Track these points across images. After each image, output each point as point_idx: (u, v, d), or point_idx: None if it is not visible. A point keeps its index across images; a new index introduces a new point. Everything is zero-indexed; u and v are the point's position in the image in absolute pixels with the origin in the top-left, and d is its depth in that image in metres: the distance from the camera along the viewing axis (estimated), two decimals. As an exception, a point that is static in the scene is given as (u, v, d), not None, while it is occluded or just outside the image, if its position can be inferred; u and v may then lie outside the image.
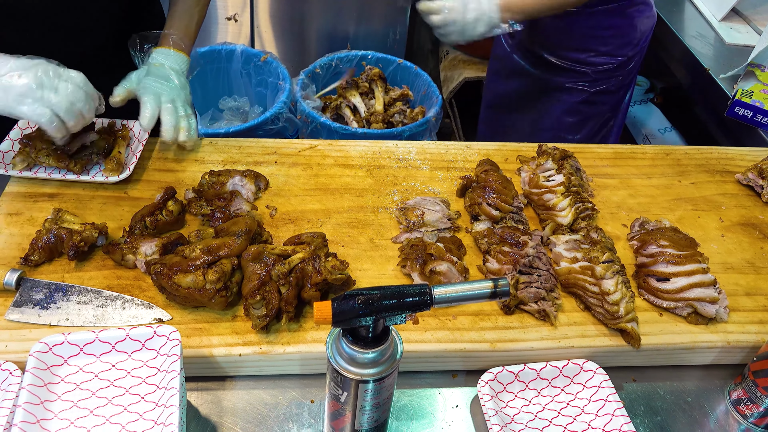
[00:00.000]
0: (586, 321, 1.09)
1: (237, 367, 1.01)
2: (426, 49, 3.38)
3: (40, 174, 1.23)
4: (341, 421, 0.87)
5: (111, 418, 0.86)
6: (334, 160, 1.38)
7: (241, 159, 1.36)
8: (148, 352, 0.92)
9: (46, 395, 0.86)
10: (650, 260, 1.14)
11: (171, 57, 1.36)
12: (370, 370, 0.79)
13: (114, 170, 1.24)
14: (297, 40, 3.12)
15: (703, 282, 1.09)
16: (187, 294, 1.00)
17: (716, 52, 2.14)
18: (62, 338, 0.89)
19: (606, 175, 1.43)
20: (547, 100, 1.95)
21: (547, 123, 1.99)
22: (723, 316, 1.09)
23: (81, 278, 1.08)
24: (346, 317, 0.74)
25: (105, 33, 1.42)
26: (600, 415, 1.00)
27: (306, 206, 1.27)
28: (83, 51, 1.38)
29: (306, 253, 1.05)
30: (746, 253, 1.27)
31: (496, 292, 0.77)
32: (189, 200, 1.21)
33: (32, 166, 1.24)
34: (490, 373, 1.01)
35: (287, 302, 1.01)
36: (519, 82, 1.98)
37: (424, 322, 1.05)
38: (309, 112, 2.53)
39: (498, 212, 1.22)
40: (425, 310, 0.76)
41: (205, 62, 2.79)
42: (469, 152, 1.45)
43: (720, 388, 1.10)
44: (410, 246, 1.15)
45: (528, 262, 1.11)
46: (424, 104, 2.79)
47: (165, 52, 1.36)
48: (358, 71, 2.89)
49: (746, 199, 1.41)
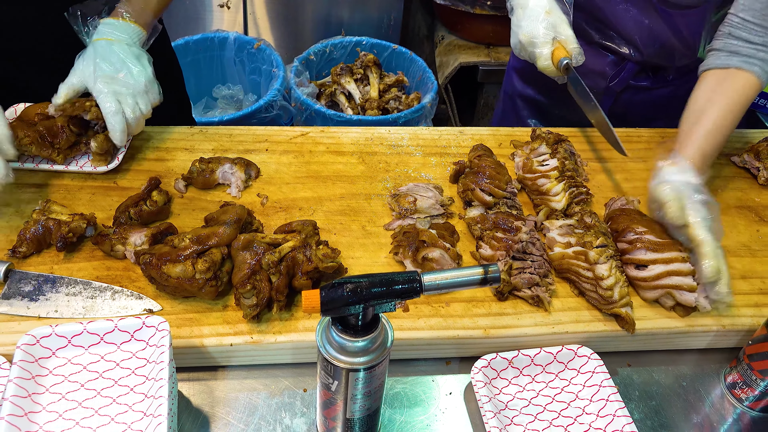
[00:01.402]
0: (580, 306, 1.08)
1: (228, 357, 1.01)
2: (421, 34, 3.35)
3: (27, 165, 1.22)
4: (333, 409, 0.86)
5: (100, 410, 0.85)
6: (326, 147, 1.37)
7: (232, 147, 1.34)
8: (137, 343, 0.91)
9: (34, 388, 0.85)
10: (629, 246, 1.12)
11: (120, 28, 1.20)
12: (360, 359, 0.78)
13: (101, 160, 1.22)
14: (291, 27, 3.09)
15: (681, 270, 1.07)
16: (176, 284, 0.99)
17: (713, 33, 2.11)
18: (50, 330, 0.88)
19: (601, 159, 1.42)
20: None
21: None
22: (705, 306, 1.07)
23: (70, 269, 1.07)
24: (334, 306, 0.73)
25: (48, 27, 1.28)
26: (594, 400, 0.99)
27: (297, 194, 1.25)
28: (28, 47, 1.30)
29: (296, 242, 1.04)
30: (742, 236, 1.26)
31: (486, 279, 0.76)
32: None
33: (17, 157, 1.22)
34: (484, 359, 1.00)
35: (278, 291, 1.00)
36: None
37: (417, 310, 1.05)
38: (303, 100, 2.51)
39: (491, 198, 1.20)
40: (415, 297, 0.75)
41: (198, 50, 2.77)
42: (463, 137, 1.43)
43: (715, 372, 1.09)
44: (403, 233, 1.14)
45: (521, 248, 1.10)
46: (419, 90, 2.77)
47: (113, 24, 1.20)
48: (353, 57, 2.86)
49: (742, 181, 1.40)
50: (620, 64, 1.56)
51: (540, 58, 1.38)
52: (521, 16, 1.40)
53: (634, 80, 1.59)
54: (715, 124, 1.23)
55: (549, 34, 1.37)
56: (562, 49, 1.38)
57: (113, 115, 1.17)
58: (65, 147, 1.20)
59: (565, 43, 1.37)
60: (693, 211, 1.11)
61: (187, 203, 1.21)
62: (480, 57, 2.90)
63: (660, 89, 1.61)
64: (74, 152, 1.23)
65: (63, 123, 1.19)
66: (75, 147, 1.23)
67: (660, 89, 1.61)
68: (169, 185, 1.23)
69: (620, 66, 1.56)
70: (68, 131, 1.20)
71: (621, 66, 1.56)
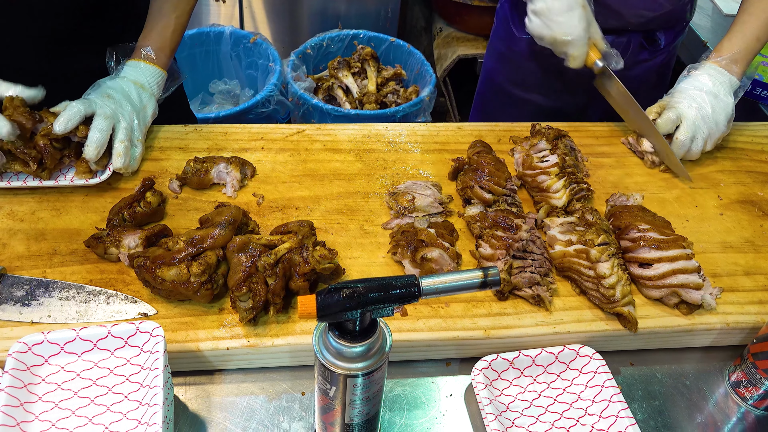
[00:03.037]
0: (581, 305, 1.07)
1: (225, 361, 0.99)
2: (419, 26, 3.32)
3: (14, 183, 1.17)
4: (331, 415, 0.85)
5: (93, 419, 0.84)
6: (323, 145, 1.35)
7: (227, 146, 1.32)
8: (131, 349, 0.90)
9: (26, 397, 0.84)
10: (632, 244, 1.10)
11: (140, 70, 1.27)
12: (358, 364, 0.76)
13: (85, 172, 1.19)
14: (287, 20, 3.06)
15: (686, 268, 1.05)
16: (171, 287, 0.97)
17: (714, 23, 2.09)
18: (42, 337, 0.86)
19: (601, 154, 1.40)
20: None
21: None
22: (711, 303, 1.06)
23: (63, 273, 1.05)
24: (331, 311, 0.71)
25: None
26: (597, 401, 0.98)
27: (294, 193, 1.23)
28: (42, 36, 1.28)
29: (293, 243, 1.03)
30: (745, 231, 1.24)
31: (486, 282, 0.74)
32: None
33: (2, 173, 1.19)
34: (484, 360, 0.98)
35: (275, 294, 0.98)
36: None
37: (416, 311, 1.03)
38: (300, 94, 2.49)
39: (491, 195, 1.18)
40: (413, 302, 0.73)
41: (194, 45, 2.74)
42: (461, 133, 1.41)
43: (719, 370, 1.08)
44: (401, 232, 1.12)
45: (522, 247, 1.09)
46: (417, 83, 2.75)
47: (133, 65, 1.27)
48: (350, 51, 2.84)
49: (745, 175, 1.38)
50: (622, 41, 1.55)
51: (575, 60, 1.36)
52: (555, 8, 1.32)
53: (636, 56, 1.60)
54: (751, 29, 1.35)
55: (587, 34, 1.33)
56: (595, 50, 1.36)
57: (98, 127, 1.16)
58: (51, 166, 1.17)
59: (596, 42, 1.36)
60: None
61: (182, 204, 1.19)
62: (479, 49, 2.87)
63: (657, 58, 1.63)
64: (59, 166, 1.20)
65: (45, 142, 1.15)
66: (59, 162, 1.19)
67: (657, 58, 1.63)
68: (163, 185, 1.22)
69: (625, 38, 1.55)
70: (51, 149, 1.16)
71: (626, 38, 1.55)
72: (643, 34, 1.56)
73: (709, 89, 1.34)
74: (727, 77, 1.35)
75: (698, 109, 1.33)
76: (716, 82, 1.35)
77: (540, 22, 1.36)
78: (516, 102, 1.76)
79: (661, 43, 1.59)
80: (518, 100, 1.75)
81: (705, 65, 1.38)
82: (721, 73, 1.35)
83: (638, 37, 1.55)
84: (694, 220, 1.25)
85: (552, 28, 1.34)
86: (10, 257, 1.07)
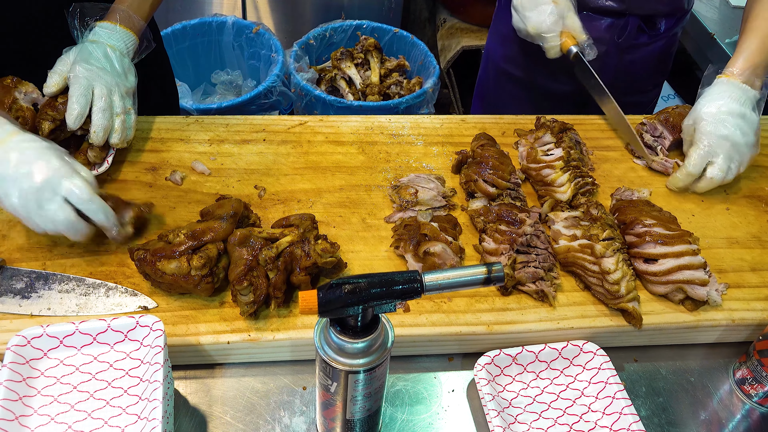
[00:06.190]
0: (585, 301, 1.06)
1: (226, 355, 0.98)
2: (422, 17, 3.30)
3: None
4: (332, 410, 0.84)
5: (93, 413, 0.83)
6: (325, 137, 1.34)
7: (228, 137, 1.31)
8: (131, 343, 0.89)
9: (25, 390, 0.83)
10: (638, 240, 1.09)
11: (115, 34, 1.18)
12: (359, 360, 0.76)
13: (84, 164, 1.16)
14: (290, 10, 3.04)
15: (692, 264, 1.04)
16: (171, 281, 0.96)
17: (722, 15, 2.07)
18: (41, 330, 0.85)
19: (607, 147, 1.38)
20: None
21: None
22: (717, 300, 1.05)
23: (63, 265, 1.04)
24: (332, 307, 0.70)
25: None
26: (600, 397, 0.97)
27: (296, 186, 1.22)
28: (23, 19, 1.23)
29: (294, 236, 1.02)
30: (752, 226, 1.23)
31: (489, 278, 0.73)
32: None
33: None
34: (487, 356, 0.98)
35: (276, 287, 0.97)
36: None
37: (419, 305, 1.02)
38: (303, 85, 2.47)
39: (494, 189, 1.17)
40: (415, 298, 0.72)
41: (196, 35, 2.72)
42: (465, 126, 1.40)
43: (724, 367, 1.07)
44: (404, 226, 1.11)
45: (525, 241, 1.08)
46: (421, 75, 2.73)
47: (109, 27, 1.18)
48: (353, 41, 2.82)
49: (752, 170, 1.36)
50: (620, 23, 1.54)
51: (550, 50, 1.41)
52: (526, 4, 1.40)
53: (634, 39, 1.59)
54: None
55: (557, 27, 1.38)
56: (570, 38, 1.38)
57: (77, 94, 1.11)
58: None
59: (573, 31, 1.38)
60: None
61: (183, 196, 1.18)
62: (483, 40, 2.84)
63: (656, 42, 1.61)
64: None
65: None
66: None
67: (656, 42, 1.61)
68: (163, 178, 1.20)
69: (623, 21, 1.54)
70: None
71: (624, 21, 1.54)
72: (642, 18, 1.55)
73: (737, 112, 1.24)
74: (751, 93, 1.27)
75: (728, 137, 1.24)
76: (742, 100, 1.26)
77: (516, 16, 1.45)
78: (516, 84, 1.76)
79: (661, 27, 1.58)
80: (518, 82, 1.74)
81: (728, 83, 1.28)
82: (744, 91, 1.26)
83: (637, 21, 1.54)
84: (700, 215, 1.24)
85: (525, 22, 1.42)
86: (9, 249, 1.06)
